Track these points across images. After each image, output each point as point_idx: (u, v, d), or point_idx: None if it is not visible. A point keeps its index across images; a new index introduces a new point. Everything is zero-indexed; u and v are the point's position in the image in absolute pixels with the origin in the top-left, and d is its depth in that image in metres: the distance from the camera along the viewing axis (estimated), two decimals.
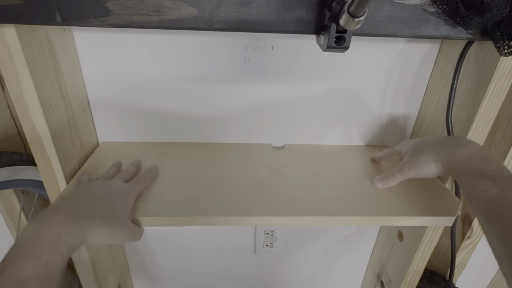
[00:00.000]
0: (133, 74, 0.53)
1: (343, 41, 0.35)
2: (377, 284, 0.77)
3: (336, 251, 0.81)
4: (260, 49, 0.52)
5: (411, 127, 0.62)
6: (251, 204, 0.46)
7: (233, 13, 0.35)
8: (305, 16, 0.36)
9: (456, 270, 0.69)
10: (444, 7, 0.37)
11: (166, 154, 0.56)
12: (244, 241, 0.77)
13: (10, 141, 0.62)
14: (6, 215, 0.66)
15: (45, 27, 0.41)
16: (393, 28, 0.38)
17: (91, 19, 0.34)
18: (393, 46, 0.53)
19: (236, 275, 0.84)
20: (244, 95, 0.56)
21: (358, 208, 0.46)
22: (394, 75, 0.56)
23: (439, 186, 0.52)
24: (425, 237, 0.56)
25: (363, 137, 0.63)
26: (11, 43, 0.37)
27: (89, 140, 0.56)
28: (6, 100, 0.59)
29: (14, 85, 0.39)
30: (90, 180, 0.47)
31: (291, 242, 0.77)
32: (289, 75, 0.55)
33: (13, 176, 0.56)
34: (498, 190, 0.35)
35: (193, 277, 0.83)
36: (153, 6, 0.34)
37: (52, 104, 0.44)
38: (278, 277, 0.85)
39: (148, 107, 0.56)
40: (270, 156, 0.58)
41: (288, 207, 0.45)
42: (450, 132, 0.49)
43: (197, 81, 0.54)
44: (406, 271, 0.62)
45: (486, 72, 0.44)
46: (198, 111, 0.57)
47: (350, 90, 0.57)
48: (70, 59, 0.48)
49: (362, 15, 0.30)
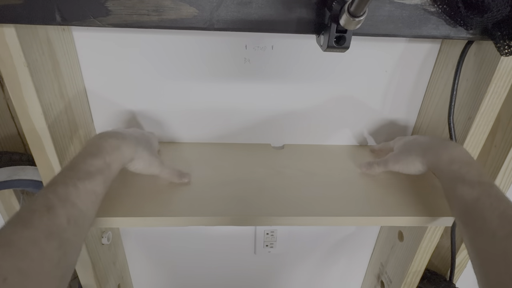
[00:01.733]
0: (133, 74, 0.53)
1: (343, 41, 0.35)
2: (377, 284, 0.77)
3: (336, 251, 0.81)
4: (260, 49, 0.52)
5: (412, 127, 0.62)
6: (251, 204, 0.46)
7: (233, 13, 0.35)
8: (305, 16, 0.36)
9: (457, 271, 0.69)
10: (444, 7, 0.37)
11: (165, 154, 0.56)
12: (244, 241, 0.77)
13: (10, 141, 0.62)
14: (6, 215, 0.66)
15: (45, 27, 0.41)
16: (394, 28, 0.38)
17: (91, 19, 0.34)
18: (394, 46, 0.53)
19: (236, 275, 0.84)
20: (244, 95, 0.56)
21: (358, 208, 0.46)
22: (395, 75, 0.56)
23: (439, 186, 0.52)
24: (425, 237, 0.56)
25: (363, 137, 0.63)
26: (11, 43, 0.37)
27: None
28: (6, 100, 0.60)
29: (14, 85, 0.39)
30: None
31: (291, 242, 0.77)
32: (289, 75, 0.55)
33: (13, 176, 0.56)
34: (475, 196, 0.37)
35: (193, 277, 0.83)
36: (153, 6, 0.34)
37: (52, 104, 0.44)
38: (278, 277, 0.85)
39: (147, 107, 0.56)
40: (269, 156, 0.58)
41: (288, 207, 0.45)
42: (452, 132, 0.49)
43: (197, 81, 0.54)
44: (406, 271, 0.62)
45: (487, 72, 0.44)
46: (198, 111, 0.57)
47: (350, 90, 0.57)
48: (70, 59, 0.48)
49: (362, 15, 0.30)
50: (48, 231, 0.30)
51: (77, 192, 0.33)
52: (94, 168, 0.36)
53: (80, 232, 0.34)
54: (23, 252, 0.27)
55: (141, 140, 0.45)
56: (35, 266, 0.28)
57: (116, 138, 0.40)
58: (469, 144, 0.48)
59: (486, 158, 0.58)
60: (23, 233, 0.29)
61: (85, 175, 0.35)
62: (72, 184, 0.34)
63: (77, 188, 0.34)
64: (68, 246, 0.31)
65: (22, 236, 0.28)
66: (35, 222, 0.30)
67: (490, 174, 0.58)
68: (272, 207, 0.45)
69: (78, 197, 0.33)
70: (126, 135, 0.42)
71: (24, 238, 0.28)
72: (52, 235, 0.30)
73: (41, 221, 0.30)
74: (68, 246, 0.31)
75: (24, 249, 0.28)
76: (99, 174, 0.36)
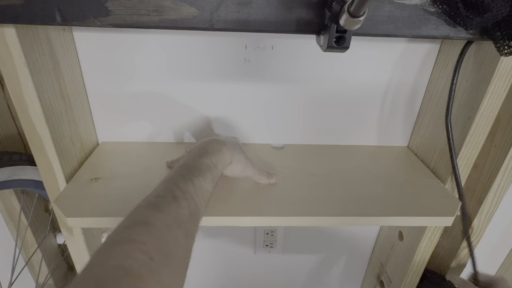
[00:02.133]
0: (133, 74, 0.53)
1: (343, 41, 0.35)
2: (377, 284, 0.77)
3: (336, 251, 0.81)
4: (260, 49, 0.52)
5: (411, 127, 0.62)
6: (251, 204, 0.46)
7: (233, 13, 0.35)
8: (305, 16, 0.36)
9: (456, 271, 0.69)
10: (444, 7, 0.37)
11: (165, 154, 0.56)
12: (244, 241, 0.77)
13: (10, 141, 0.62)
14: (6, 215, 0.66)
15: (45, 27, 0.41)
16: (393, 28, 0.38)
17: (91, 19, 0.34)
18: (394, 46, 0.53)
19: (236, 275, 0.84)
20: (244, 95, 0.56)
21: (358, 208, 0.46)
22: (394, 75, 0.56)
23: (439, 186, 0.52)
24: (425, 237, 0.56)
25: (362, 137, 0.63)
26: (11, 43, 0.37)
27: (89, 140, 0.56)
28: (6, 100, 0.59)
29: (14, 85, 0.39)
30: None
31: (291, 242, 0.77)
32: (289, 75, 0.55)
33: (13, 176, 0.56)
34: None
35: (193, 277, 0.83)
36: (153, 6, 0.34)
37: (52, 104, 0.44)
38: (278, 277, 0.85)
39: (147, 107, 0.56)
40: (269, 156, 0.58)
41: (288, 207, 0.45)
42: (449, 132, 0.49)
43: (197, 81, 0.54)
44: (406, 271, 0.62)
45: (486, 72, 0.44)
46: (198, 111, 0.57)
47: (349, 90, 0.57)
48: (70, 59, 0.48)
49: (362, 15, 0.30)
50: (177, 218, 0.30)
51: (194, 188, 0.34)
52: (205, 166, 0.38)
53: (196, 227, 0.34)
54: (161, 234, 0.28)
55: (236, 145, 0.46)
56: (171, 249, 0.28)
57: (217, 142, 0.43)
58: (469, 144, 0.48)
59: (486, 158, 0.58)
60: (157, 216, 0.29)
61: (198, 173, 0.36)
62: (189, 179, 0.35)
63: (193, 184, 0.34)
64: (190, 238, 0.31)
65: (158, 218, 0.29)
66: (165, 208, 0.30)
67: (490, 174, 0.58)
68: (272, 207, 0.45)
69: (195, 192, 0.34)
70: (224, 140, 0.44)
71: (160, 221, 0.28)
72: (180, 223, 0.30)
73: (170, 208, 0.30)
74: (190, 238, 0.31)
75: (161, 230, 0.28)
76: (209, 172, 0.37)
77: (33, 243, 0.69)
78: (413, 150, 0.62)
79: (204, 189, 0.36)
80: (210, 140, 0.43)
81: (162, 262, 0.26)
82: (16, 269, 0.65)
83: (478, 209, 0.60)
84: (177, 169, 0.37)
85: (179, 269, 0.28)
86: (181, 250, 0.29)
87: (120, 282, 0.23)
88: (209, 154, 0.40)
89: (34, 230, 0.68)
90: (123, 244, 0.26)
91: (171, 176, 0.35)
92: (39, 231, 0.70)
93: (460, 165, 0.50)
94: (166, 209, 0.30)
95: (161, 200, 0.31)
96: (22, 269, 0.69)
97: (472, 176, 0.59)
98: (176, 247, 0.28)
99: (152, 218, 0.28)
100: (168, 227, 0.28)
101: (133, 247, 0.25)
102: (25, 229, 0.66)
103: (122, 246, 0.26)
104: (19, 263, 0.68)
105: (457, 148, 0.49)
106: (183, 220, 0.31)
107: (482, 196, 0.60)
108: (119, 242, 0.26)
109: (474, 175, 0.60)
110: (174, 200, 0.31)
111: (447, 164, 0.52)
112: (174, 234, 0.29)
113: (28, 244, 0.69)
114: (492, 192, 0.58)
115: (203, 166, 0.38)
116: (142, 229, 0.27)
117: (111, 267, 0.24)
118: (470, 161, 0.50)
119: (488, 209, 0.61)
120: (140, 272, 0.24)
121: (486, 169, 0.59)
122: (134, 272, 0.24)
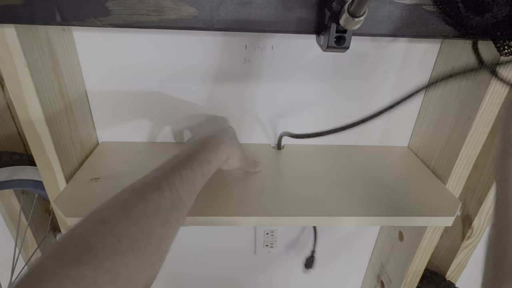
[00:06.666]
0: (133, 74, 0.53)
1: (343, 41, 0.35)
2: (377, 284, 0.77)
3: (336, 251, 0.81)
4: (260, 49, 0.52)
5: (411, 127, 0.62)
6: (251, 204, 0.46)
7: (233, 13, 0.35)
8: (305, 16, 0.36)
9: (456, 270, 0.69)
10: (444, 7, 0.37)
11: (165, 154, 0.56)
12: (244, 241, 0.77)
13: (10, 141, 0.62)
14: (6, 215, 0.66)
15: (45, 27, 0.41)
16: (394, 28, 0.38)
17: (91, 19, 0.34)
18: (394, 46, 0.53)
19: (236, 275, 0.84)
20: (244, 95, 0.56)
21: (358, 208, 0.46)
22: (394, 75, 0.56)
23: (439, 186, 0.52)
24: (425, 237, 0.56)
25: (362, 137, 0.63)
26: (11, 43, 0.37)
27: (89, 140, 0.56)
28: (6, 100, 0.59)
29: (14, 85, 0.39)
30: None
31: (291, 242, 0.77)
32: (289, 75, 0.55)
33: (13, 176, 0.56)
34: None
35: (193, 277, 0.83)
36: (153, 6, 0.34)
37: (52, 104, 0.44)
38: (278, 277, 0.85)
39: (147, 107, 0.56)
40: (269, 156, 0.58)
41: (288, 207, 0.45)
42: None
43: (197, 81, 0.54)
44: (406, 271, 0.62)
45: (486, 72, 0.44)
46: (198, 111, 0.57)
47: (349, 90, 0.57)
48: (70, 59, 0.48)
49: (362, 15, 0.30)
50: (156, 207, 0.31)
51: (181, 180, 0.35)
52: (197, 161, 0.38)
53: (178, 219, 0.35)
54: (136, 219, 0.29)
55: (232, 139, 0.47)
56: (143, 236, 0.29)
57: (216, 139, 0.43)
58: (469, 144, 0.48)
59: (486, 158, 0.58)
60: (137, 202, 0.30)
61: (188, 165, 0.37)
62: (177, 171, 0.35)
63: (181, 176, 0.35)
64: (168, 228, 0.32)
65: (136, 205, 0.30)
66: (147, 196, 0.31)
67: (490, 174, 0.58)
68: (272, 207, 0.45)
69: (180, 184, 0.35)
70: (223, 138, 0.45)
71: (138, 207, 0.30)
72: (159, 212, 0.31)
73: (152, 197, 0.32)
74: (168, 228, 0.32)
75: (137, 216, 0.29)
76: (199, 167, 0.38)
77: (33, 243, 0.69)
78: (413, 150, 0.62)
79: (192, 182, 0.37)
80: (209, 137, 0.44)
81: (129, 246, 0.27)
82: (16, 269, 0.65)
83: (478, 209, 0.61)
84: (170, 159, 0.38)
85: (149, 256, 0.29)
86: (154, 238, 0.30)
87: (81, 258, 0.24)
88: (205, 150, 0.40)
89: (34, 230, 0.68)
90: (96, 223, 0.27)
91: (163, 165, 0.37)
92: (39, 231, 0.70)
93: (460, 165, 0.50)
94: (147, 197, 0.31)
95: (146, 187, 0.32)
96: (22, 269, 0.69)
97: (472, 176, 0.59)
98: (149, 234, 0.29)
99: (131, 203, 0.30)
100: (144, 215, 0.30)
101: (104, 227, 0.27)
102: (25, 229, 0.66)
103: (94, 225, 0.27)
104: (19, 263, 0.68)
105: (457, 148, 0.49)
106: (163, 210, 0.32)
107: (482, 196, 0.60)
108: (94, 220, 0.28)
109: (474, 175, 0.60)
110: (158, 190, 0.32)
111: (447, 164, 0.52)
112: (149, 221, 0.30)
113: (28, 244, 0.69)
114: (492, 192, 0.58)
115: (195, 160, 0.38)
116: (118, 212, 0.29)
117: (78, 242, 0.25)
118: (470, 161, 0.50)
119: (488, 209, 0.61)
120: (104, 251, 0.25)
121: (486, 169, 0.59)
122: (98, 250, 0.25)
